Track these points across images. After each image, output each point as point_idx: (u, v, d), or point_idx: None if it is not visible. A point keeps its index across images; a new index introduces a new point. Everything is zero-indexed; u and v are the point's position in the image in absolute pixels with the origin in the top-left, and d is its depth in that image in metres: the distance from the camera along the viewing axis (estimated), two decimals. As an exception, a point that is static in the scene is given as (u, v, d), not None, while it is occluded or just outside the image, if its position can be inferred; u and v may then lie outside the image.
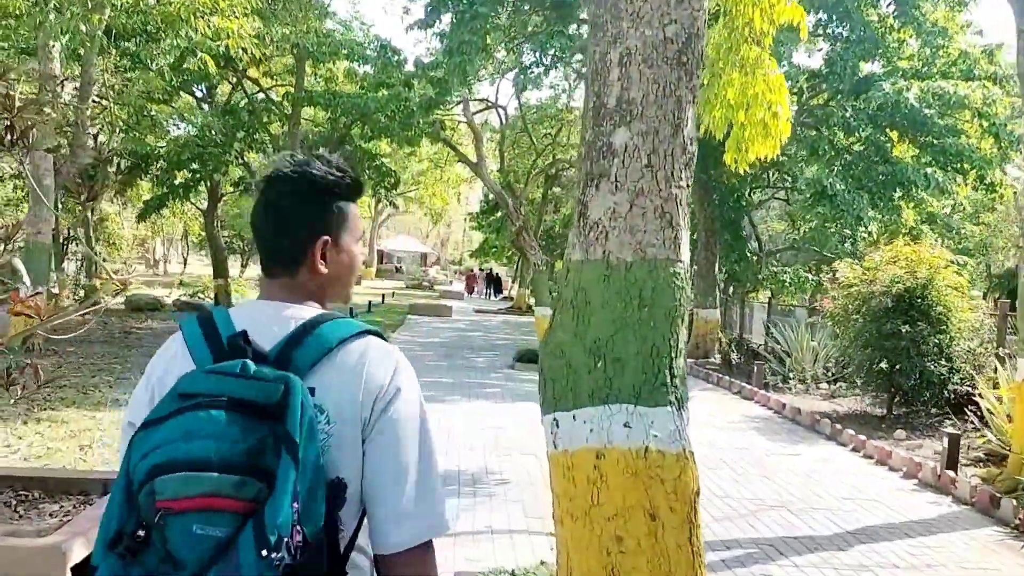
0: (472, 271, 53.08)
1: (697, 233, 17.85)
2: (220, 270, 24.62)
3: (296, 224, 1.49)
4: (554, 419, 3.15)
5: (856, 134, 14.97)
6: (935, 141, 14.26)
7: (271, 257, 1.51)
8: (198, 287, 25.87)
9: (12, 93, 3.56)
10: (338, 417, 1.35)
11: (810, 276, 24.74)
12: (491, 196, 41.22)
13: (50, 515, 3.93)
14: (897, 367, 9.54)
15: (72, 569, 3.32)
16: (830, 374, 12.56)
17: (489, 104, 28.58)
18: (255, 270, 49.74)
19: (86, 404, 8.35)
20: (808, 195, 15.08)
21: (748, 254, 18.29)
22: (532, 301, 36.64)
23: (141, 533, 1.19)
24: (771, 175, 19.43)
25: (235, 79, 22.42)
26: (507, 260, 52.93)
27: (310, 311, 1.46)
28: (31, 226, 12.58)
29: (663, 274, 3.07)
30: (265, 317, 1.43)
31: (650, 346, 3.04)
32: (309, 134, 21.06)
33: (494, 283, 46.02)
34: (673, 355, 3.09)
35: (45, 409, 7.99)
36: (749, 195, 18.47)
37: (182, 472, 1.18)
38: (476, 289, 48.07)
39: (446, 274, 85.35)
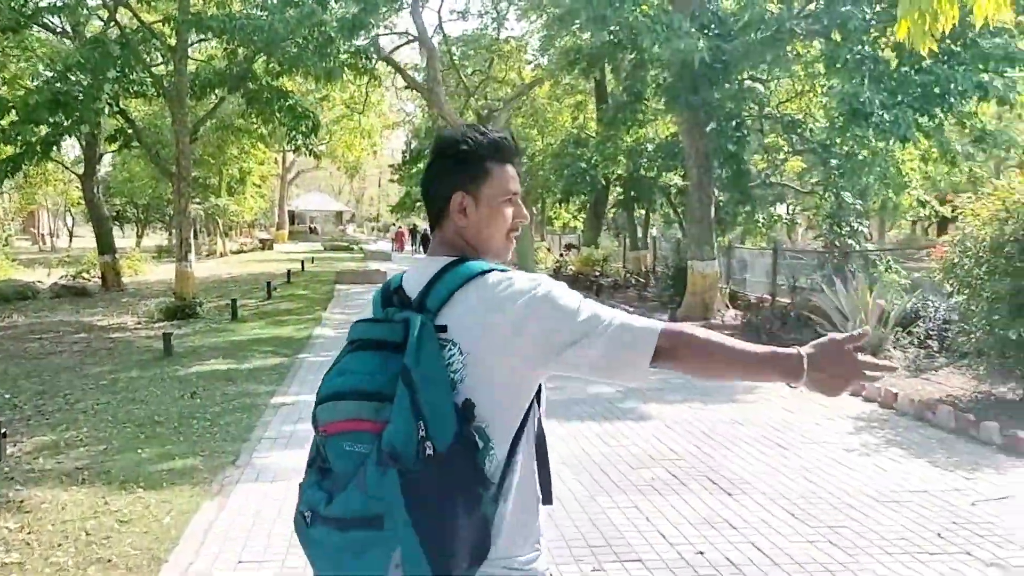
0: (401, 229, 49.96)
1: (687, 169, 14.86)
2: (105, 244, 20.50)
3: (436, 181, 1.67)
4: None
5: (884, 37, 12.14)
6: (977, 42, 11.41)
7: (428, 213, 1.69)
8: (83, 266, 21.75)
9: None
10: (471, 347, 1.50)
11: (783, 215, 22.23)
12: (413, 146, 37.60)
13: None
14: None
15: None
16: (918, 341, 9.76)
17: (411, 38, 24.77)
18: (155, 240, 45.08)
19: None
20: (837, 115, 12.18)
21: (751, 194, 15.32)
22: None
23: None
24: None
25: (107, 13, 18.26)
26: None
27: (448, 260, 1.60)
28: None
29: None
30: (419, 270, 1.64)
31: None
32: (201, 72, 17.11)
33: (424, 241, 42.81)
34: None
35: None
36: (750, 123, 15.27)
37: (330, 402, 1.52)
38: (405, 247, 45.08)
39: (363, 231, 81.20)
